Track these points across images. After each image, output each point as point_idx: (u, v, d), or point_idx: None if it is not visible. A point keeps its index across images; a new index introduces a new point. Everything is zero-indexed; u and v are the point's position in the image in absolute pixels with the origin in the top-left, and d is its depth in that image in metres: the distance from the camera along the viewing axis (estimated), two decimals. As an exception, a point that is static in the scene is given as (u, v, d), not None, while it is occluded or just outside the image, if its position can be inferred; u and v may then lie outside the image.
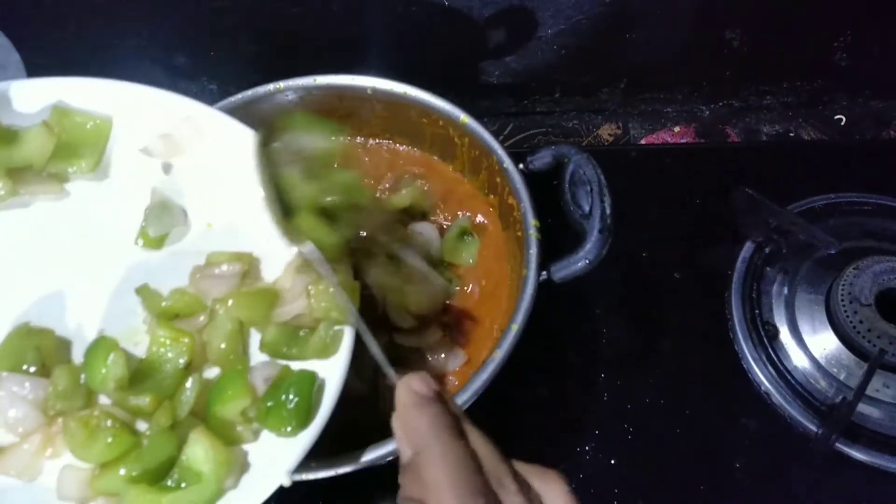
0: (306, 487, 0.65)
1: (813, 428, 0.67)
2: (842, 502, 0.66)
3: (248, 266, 0.51)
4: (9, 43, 0.76)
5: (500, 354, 0.55)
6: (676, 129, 0.94)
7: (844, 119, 0.93)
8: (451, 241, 0.68)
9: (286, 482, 0.44)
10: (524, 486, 0.32)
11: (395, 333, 0.62)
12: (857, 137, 0.92)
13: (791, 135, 0.93)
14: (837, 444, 0.65)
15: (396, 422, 0.36)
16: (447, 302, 0.66)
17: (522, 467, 0.34)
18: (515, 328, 0.56)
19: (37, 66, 0.77)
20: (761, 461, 0.67)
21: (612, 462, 0.67)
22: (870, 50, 0.88)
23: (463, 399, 0.53)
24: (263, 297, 0.49)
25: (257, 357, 0.50)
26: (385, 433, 0.51)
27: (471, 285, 0.68)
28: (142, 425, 0.46)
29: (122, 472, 0.42)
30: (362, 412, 0.57)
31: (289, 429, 0.45)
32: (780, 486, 0.66)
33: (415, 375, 0.36)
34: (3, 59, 0.77)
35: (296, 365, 0.48)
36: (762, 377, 0.70)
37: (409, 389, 0.36)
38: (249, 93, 0.67)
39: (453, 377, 0.63)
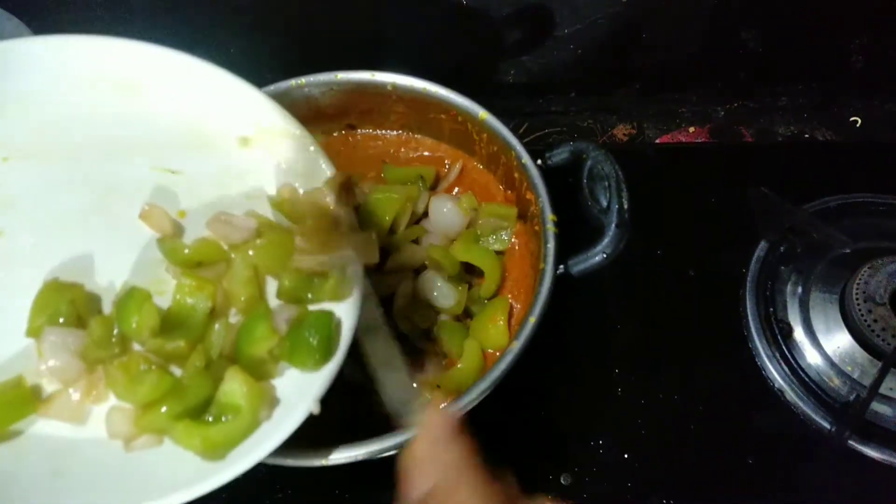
0: (309, 478, 0.66)
1: (826, 425, 0.67)
2: (854, 500, 0.66)
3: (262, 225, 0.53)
4: (29, 32, 0.77)
5: (517, 346, 0.55)
6: (691, 129, 0.94)
7: (860, 121, 0.93)
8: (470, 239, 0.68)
9: (315, 410, 0.47)
10: None
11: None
12: (872, 139, 0.92)
13: (806, 136, 0.93)
14: (850, 442, 0.66)
15: (418, 453, 0.35)
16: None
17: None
18: (533, 320, 0.57)
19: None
20: (774, 458, 0.68)
21: (626, 456, 0.68)
22: (885, 52, 0.88)
23: (481, 389, 0.53)
24: (281, 246, 0.51)
25: (274, 304, 0.52)
26: (385, 427, 0.52)
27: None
28: (175, 371, 0.49)
29: (164, 410, 0.45)
30: (363, 403, 0.58)
31: (313, 363, 0.48)
32: (792, 483, 0.66)
33: (442, 409, 0.36)
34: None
35: (312, 307, 0.51)
36: (776, 375, 0.71)
37: (437, 423, 0.36)
38: (271, 88, 0.67)
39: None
